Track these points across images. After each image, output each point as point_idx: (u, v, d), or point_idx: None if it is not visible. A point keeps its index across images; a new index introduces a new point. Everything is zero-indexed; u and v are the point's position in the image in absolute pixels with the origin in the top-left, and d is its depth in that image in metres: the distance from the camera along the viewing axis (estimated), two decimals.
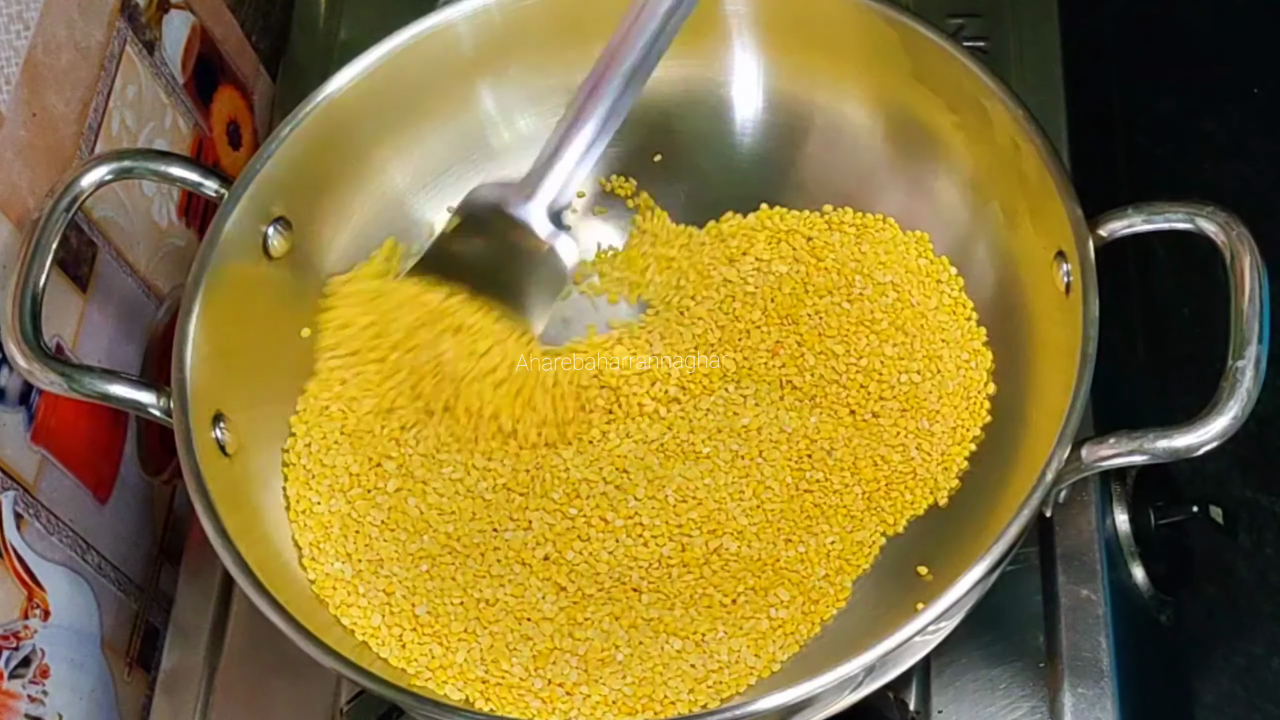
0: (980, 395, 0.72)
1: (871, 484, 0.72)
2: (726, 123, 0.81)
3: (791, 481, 0.72)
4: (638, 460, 0.74)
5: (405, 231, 0.79)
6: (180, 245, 0.83)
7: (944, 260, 0.76)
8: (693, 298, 0.77)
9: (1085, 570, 0.73)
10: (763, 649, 0.68)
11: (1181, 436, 0.60)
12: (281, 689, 0.75)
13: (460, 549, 0.71)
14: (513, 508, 0.72)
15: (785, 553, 0.70)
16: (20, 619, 0.69)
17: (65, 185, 0.69)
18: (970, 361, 0.73)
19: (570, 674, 0.67)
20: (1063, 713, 0.70)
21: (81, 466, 0.74)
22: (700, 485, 0.73)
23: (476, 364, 0.69)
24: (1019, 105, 0.69)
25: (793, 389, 0.75)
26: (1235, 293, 0.62)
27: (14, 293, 0.66)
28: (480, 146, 0.81)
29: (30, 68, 0.69)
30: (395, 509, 0.72)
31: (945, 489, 0.71)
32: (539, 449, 0.74)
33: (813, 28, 0.77)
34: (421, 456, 0.73)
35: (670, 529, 0.72)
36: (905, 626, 0.60)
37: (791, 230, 0.78)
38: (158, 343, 0.80)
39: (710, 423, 0.74)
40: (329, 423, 0.74)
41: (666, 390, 0.76)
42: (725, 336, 0.76)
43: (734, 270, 0.77)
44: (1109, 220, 0.66)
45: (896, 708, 0.70)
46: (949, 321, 0.74)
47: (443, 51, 0.77)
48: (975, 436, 0.71)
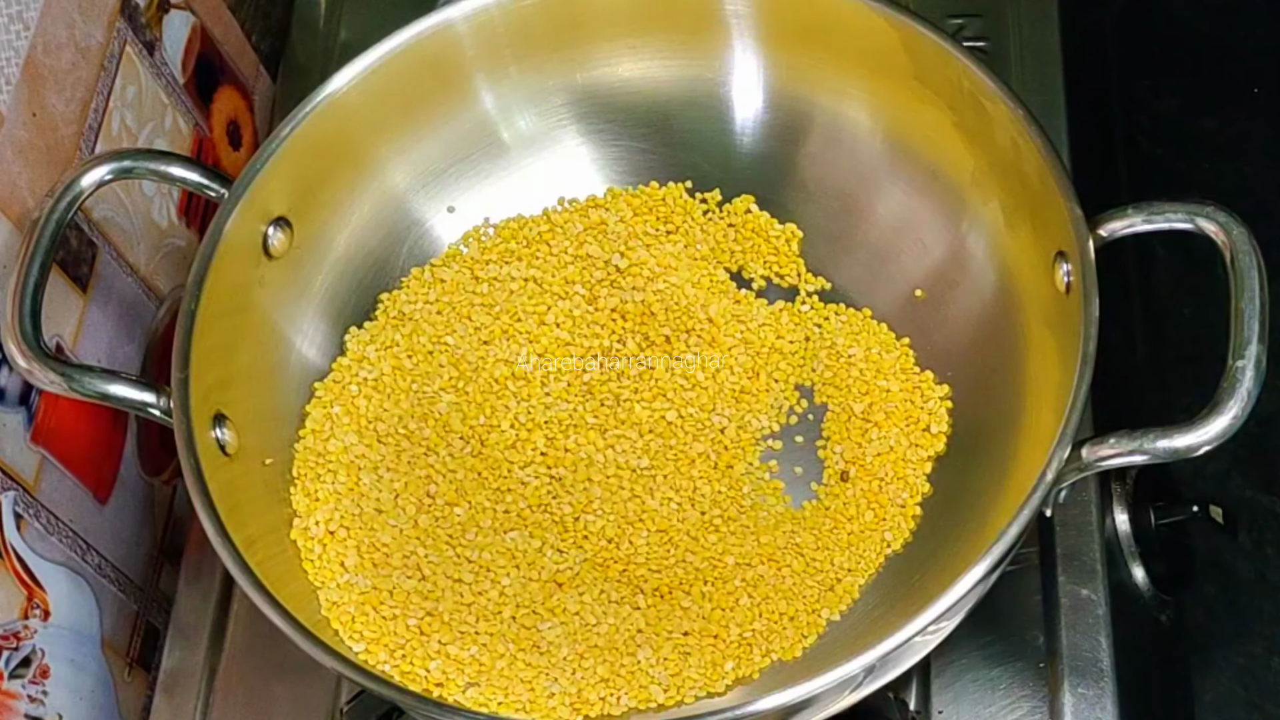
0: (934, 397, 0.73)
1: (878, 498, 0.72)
2: (726, 123, 0.81)
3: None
4: (635, 460, 0.74)
5: (405, 231, 0.79)
6: (180, 245, 0.83)
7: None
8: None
9: (1085, 570, 0.73)
10: (764, 649, 0.68)
11: (1181, 436, 0.60)
12: (281, 689, 0.75)
13: (459, 550, 0.71)
14: (512, 508, 0.73)
15: (789, 556, 0.71)
16: (20, 619, 0.69)
17: (65, 185, 0.69)
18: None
19: (571, 673, 0.67)
20: (1063, 713, 0.70)
21: (81, 467, 0.74)
22: (701, 485, 0.73)
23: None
24: (1019, 105, 0.69)
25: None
26: (1235, 293, 0.62)
27: (14, 293, 0.66)
28: (480, 146, 0.81)
29: (30, 68, 0.69)
30: (395, 510, 0.72)
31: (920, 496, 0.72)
32: (538, 450, 0.74)
33: (813, 28, 0.77)
34: (422, 459, 0.73)
35: (671, 528, 0.72)
36: (905, 626, 0.60)
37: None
38: (158, 343, 0.80)
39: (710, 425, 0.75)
40: (331, 423, 0.74)
41: (667, 394, 0.76)
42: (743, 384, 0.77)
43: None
44: (1109, 220, 0.66)
45: (896, 708, 0.70)
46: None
47: (443, 51, 0.77)
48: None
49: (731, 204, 0.80)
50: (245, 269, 0.73)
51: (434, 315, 0.77)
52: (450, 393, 0.75)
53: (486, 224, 0.81)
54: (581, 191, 0.81)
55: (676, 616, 0.69)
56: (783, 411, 0.76)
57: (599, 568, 0.71)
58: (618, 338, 0.78)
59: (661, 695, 0.67)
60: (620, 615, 0.69)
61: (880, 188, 0.78)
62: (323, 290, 0.77)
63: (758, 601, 0.69)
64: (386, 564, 0.70)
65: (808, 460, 0.75)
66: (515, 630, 0.69)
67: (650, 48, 0.80)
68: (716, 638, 0.68)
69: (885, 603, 0.69)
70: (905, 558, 0.70)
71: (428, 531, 0.71)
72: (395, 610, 0.69)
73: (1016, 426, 0.69)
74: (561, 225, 0.80)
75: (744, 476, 0.74)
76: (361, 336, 0.77)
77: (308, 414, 0.74)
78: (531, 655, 0.68)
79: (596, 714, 0.67)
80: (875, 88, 0.77)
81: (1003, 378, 0.72)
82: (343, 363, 0.76)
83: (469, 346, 0.77)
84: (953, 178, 0.75)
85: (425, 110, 0.79)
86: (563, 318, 0.78)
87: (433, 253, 0.80)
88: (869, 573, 0.70)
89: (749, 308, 0.78)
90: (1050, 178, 0.67)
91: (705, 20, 0.78)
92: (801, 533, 0.72)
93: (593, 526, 0.72)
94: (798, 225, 0.80)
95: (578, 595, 0.70)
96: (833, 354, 0.76)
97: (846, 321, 0.77)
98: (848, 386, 0.75)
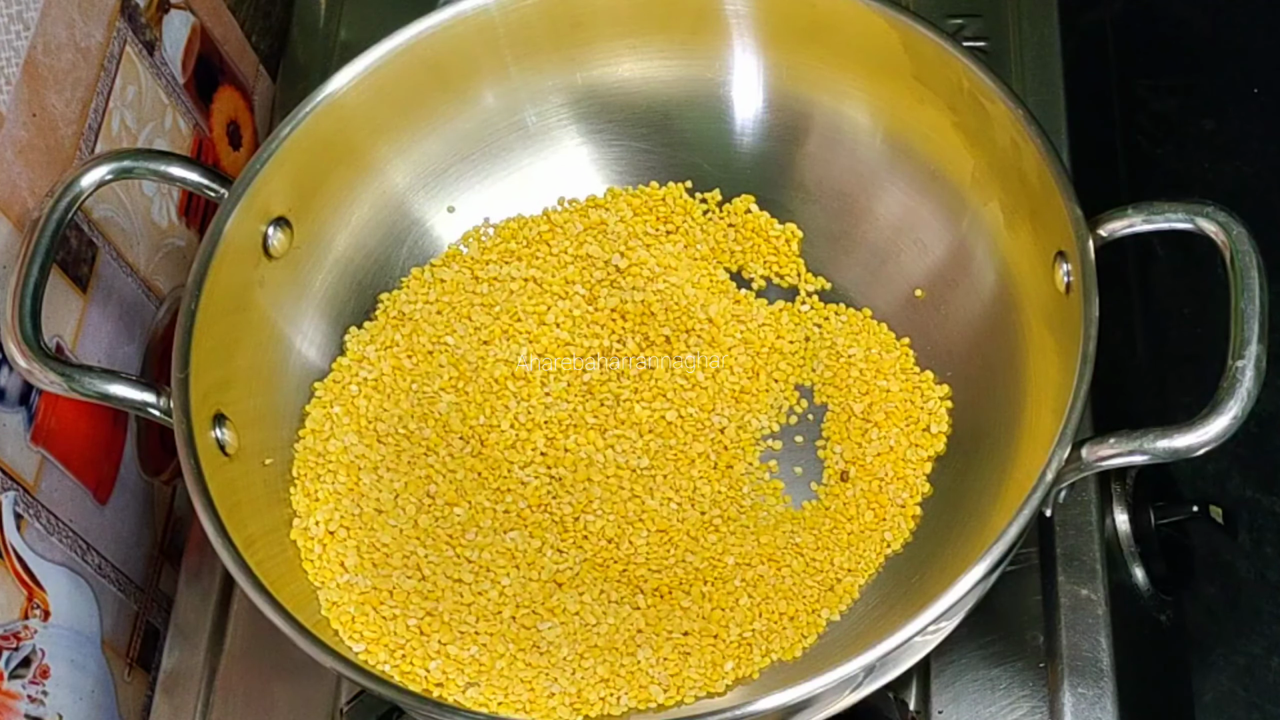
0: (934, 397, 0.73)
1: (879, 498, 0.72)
2: (726, 123, 0.81)
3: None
4: (635, 460, 0.74)
5: (405, 231, 0.79)
6: (180, 245, 0.83)
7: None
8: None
9: (1085, 570, 0.73)
10: (764, 649, 0.68)
11: (1181, 436, 0.60)
12: (281, 689, 0.75)
13: (459, 550, 0.71)
14: (512, 508, 0.73)
15: (789, 556, 0.71)
16: (20, 619, 0.69)
17: (65, 185, 0.69)
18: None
19: (571, 673, 0.67)
20: (1063, 713, 0.70)
21: (81, 467, 0.74)
22: (701, 485, 0.73)
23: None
24: (1019, 105, 0.69)
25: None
26: (1235, 293, 0.62)
27: (14, 293, 0.66)
28: (480, 146, 0.81)
29: (30, 68, 0.69)
30: (395, 510, 0.72)
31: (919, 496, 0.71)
32: (537, 451, 0.74)
33: (813, 28, 0.77)
34: (422, 459, 0.73)
35: (671, 528, 0.72)
36: (905, 626, 0.60)
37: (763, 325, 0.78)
38: (158, 343, 0.80)
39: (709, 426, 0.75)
40: (331, 423, 0.74)
41: (667, 394, 0.76)
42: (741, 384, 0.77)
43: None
44: (1109, 220, 0.66)
45: (896, 708, 0.70)
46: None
47: (443, 51, 0.77)
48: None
49: (731, 204, 0.80)
50: (245, 269, 0.73)
51: (434, 315, 0.77)
52: (450, 393, 0.75)
53: (486, 224, 0.81)
54: (581, 191, 0.81)
55: (676, 616, 0.69)
56: (783, 411, 0.76)
57: (599, 568, 0.71)
58: (618, 338, 0.78)
59: (661, 695, 0.67)
60: (620, 615, 0.69)
61: (880, 188, 0.78)
62: (323, 290, 0.77)
63: (758, 601, 0.69)
64: (386, 564, 0.70)
65: (808, 460, 0.75)
66: (515, 630, 0.69)
67: (650, 48, 0.80)
68: (716, 638, 0.68)
69: (885, 603, 0.69)
70: (905, 558, 0.70)
71: (428, 531, 0.71)
72: (395, 610, 0.69)
73: (1016, 426, 0.69)
74: (561, 225, 0.80)
75: (744, 476, 0.74)
76: (361, 336, 0.77)
77: (308, 414, 0.74)
78: (531, 655, 0.68)
79: (596, 714, 0.67)
80: (875, 88, 0.77)
81: (1003, 378, 0.72)
82: (343, 363, 0.76)
83: (469, 346, 0.77)
84: (953, 178, 0.75)
85: (425, 110, 0.79)
86: (563, 318, 0.78)
87: (433, 253, 0.80)
88: (869, 573, 0.70)
89: (749, 308, 0.78)
90: (1050, 178, 0.67)
91: (705, 20, 0.78)
92: (801, 533, 0.72)
93: (593, 526, 0.72)
94: (798, 225, 0.80)
95: (578, 595, 0.70)
96: (833, 354, 0.76)
97: (846, 321, 0.77)
98: (848, 386, 0.75)
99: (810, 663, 0.67)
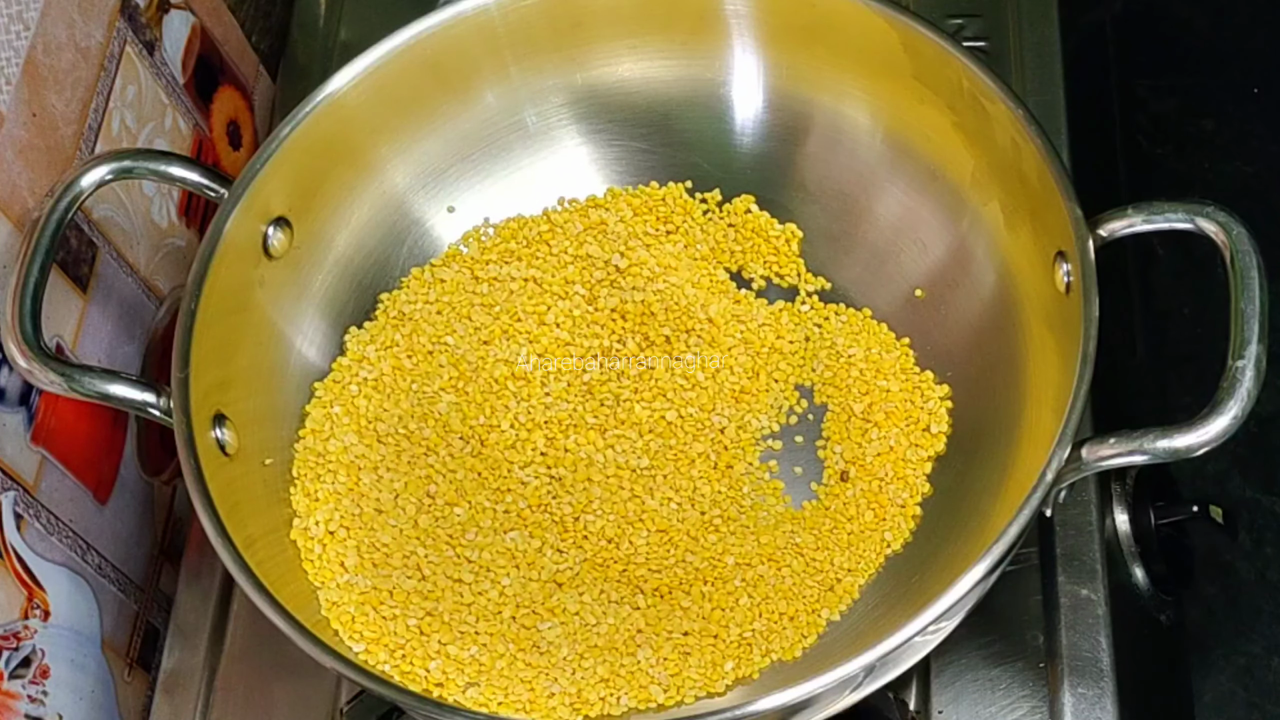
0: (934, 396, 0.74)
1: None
2: (726, 123, 0.81)
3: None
4: (635, 460, 0.74)
5: (405, 231, 0.79)
6: (180, 245, 0.83)
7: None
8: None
9: (1085, 570, 0.73)
10: (764, 649, 0.68)
11: (1181, 436, 0.60)
12: (281, 689, 0.75)
13: (459, 550, 0.71)
14: (512, 508, 0.73)
15: (789, 556, 0.71)
16: (20, 619, 0.69)
17: (65, 185, 0.69)
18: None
19: (571, 673, 0.67)
20: (1063, 713, 0.70)
21: (81, 467, 0.74)
22: (701, 485, 0.73)
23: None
24: (1019, 105, 0.69)
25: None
26: (1235, 293, 0.62)
27: (14, 293, 0.66)
28: (480, 146, 0.81)
29: (30, 68, 0.69)
30: (395, 510, 0.72)
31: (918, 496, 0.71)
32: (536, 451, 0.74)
33: (813, 28, 0.77)
34: (422, 459, 0.73)
35: (671, 528, 0.72)
36: (905, 626, 0.60)
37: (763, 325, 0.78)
38: (158, 343, 0.80)
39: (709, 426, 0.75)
40: (331, 423, 0.74)
41: (667, 394, 0.76)
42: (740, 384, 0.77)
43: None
44: (1109, 220, 0.66)
45: (896, 708, 0.70)
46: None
47: (443, 51, 0.77)
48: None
49: (731, 204, 0.80)
50: (245, 269, 0.73)
51: (434, 315, 0.77)
52: (450, 393, 0.75)
53: (486, 224, 0.81)
54: (581, 191, 0.81)
55: (676, 616, 0.69)
56: (783, 411, 0.76)
57: (599, 568, 0.71)
58: (618, 338, 0.78)
59: (661, 695, 0.67)
60: (620, 615, 0.69)
61: (880, 188, 0.78)
62: (323, 290, 0.77)
63: (758, 601, 0.69)
64: (386, 564, 0.70)
65: (808, 460, 0.75)
66: (515, 630, 0.69)
67: (650, 48, 0.80)
68: (716, 638, 0.68)
69: (885, 603, 0.69)
70: (905, 558, 0.70)
71: (428, 531, 0.71)
72: (395, 610, 0.69)
73: (1016, 426, 0.69)
74: (561, 225, 0.80)
75: (744, 476, 0.74)
76: (361, 336, 0.77)
77: (308, 414, 0.74)
78: (531, 655, 0.68)
79: (596, 714, 0.67)
80: (875, 88, 0.77)
81: (1003, 378, 0.72)
82: (343, 363, 0.76)
83: (469, 346, 0.77)
84: (953, 178, 0.75)
85: (425, 110, 0.79)
86: (563, 318, 0.78)
87: (433, 253, 0.80)
88: (869, 573, 0.70)
89: (749, 308, 0.78)
90: (1050, 178, 0.67)
91: (705, 20, 0.78)
92: (801, 533, 0.72)
93: (593, 526, 0.72)
94: (798, 225, 0.80)
95: (578, 595, 0.70)
96: (833, 354, 0.76)
97: (846, 321, 0.77)
98: (848, 386, 0.75)
99: (810, 663, 0.67)
